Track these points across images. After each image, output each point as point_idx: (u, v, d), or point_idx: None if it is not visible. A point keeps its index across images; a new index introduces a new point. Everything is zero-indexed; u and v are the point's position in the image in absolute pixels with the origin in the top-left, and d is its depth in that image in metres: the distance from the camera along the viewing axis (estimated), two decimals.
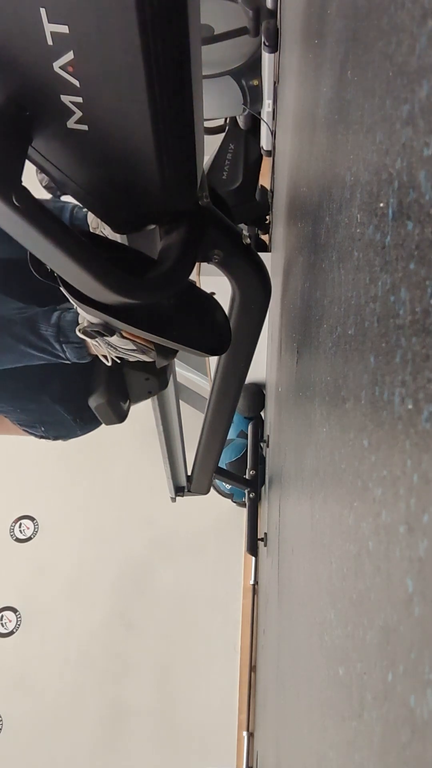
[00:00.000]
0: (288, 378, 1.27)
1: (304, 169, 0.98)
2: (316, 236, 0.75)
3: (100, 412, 1.31)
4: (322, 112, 0.71)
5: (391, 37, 0.35)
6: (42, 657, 3.46)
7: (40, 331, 1.20)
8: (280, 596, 1.40)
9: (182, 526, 3.59)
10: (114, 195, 0.71)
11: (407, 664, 0.28)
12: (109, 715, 3.29)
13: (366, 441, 0.39)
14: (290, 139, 1.41)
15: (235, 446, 3.28)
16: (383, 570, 0.33)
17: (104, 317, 0.79)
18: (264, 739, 2.04)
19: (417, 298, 0.29)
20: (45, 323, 1.21)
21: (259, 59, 2.11)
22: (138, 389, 1.35)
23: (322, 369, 0.64)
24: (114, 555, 3.68)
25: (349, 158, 0.49)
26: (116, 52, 0.52)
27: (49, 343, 1.21)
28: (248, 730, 2.98)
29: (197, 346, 0.86)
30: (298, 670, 0.83)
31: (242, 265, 0.94)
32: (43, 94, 0.57)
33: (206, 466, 2.11)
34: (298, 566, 0.89)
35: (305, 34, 1.01)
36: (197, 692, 3.26)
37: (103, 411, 1.30)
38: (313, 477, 0.70)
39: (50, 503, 3.82)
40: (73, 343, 1.20)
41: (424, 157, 0.28)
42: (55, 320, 1.21)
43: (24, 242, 0.65)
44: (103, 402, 1.28)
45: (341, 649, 0.45)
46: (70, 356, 1.22)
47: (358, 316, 0.43)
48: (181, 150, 0.64)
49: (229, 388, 1.41)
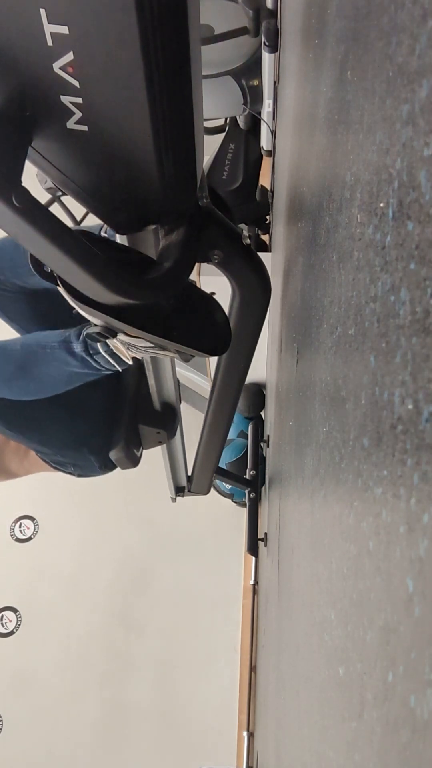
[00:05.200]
0: (288, 378, 1.27)
1: (304, 169, 0.98)
2: (316, 236, 0.75)
3: (119, 462, 1.57)
4: (322, 112, 0.71)
5: (391, 37, 0.35)
6: (42, 657, 3.45)
7: (74, 350, 1.28)
8: (280, 596, 1.40)
9: (182, 526, 3.59)
10: (114, 195, 0.71)
11: (407, 664, 0.28)
12: (109, 714, 3.29)
13: (366, 441, 0.39)
14: (290, 139, 1.41)
15: (235, 446, 3.28)
16: (383, 570, 0.33)
17: (104, 318, 0.79)
18: (264, 739, 2.04)
19: (417, 298, 0.29)
20: (75, 340, 1.28)
21: (259, 59, 2.11)
22: (150, 440, 1.62)
23: (322, 369, 0.64)
24: (114, 555, 3.68)
25: (349, 158, 0.49)
26: (116, 53, 0.52)
27: (82, 359, 1.28)
28: (248, 730, 2.98)
29: (197, 346, 0.86)
30: (298, 670, 0.83)
31: (242, 265, 0.94)
32: (43, 95, 0.57)
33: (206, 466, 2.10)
34: (298, 566, 0.89)
35: (305, 34, 1.01)
36: (197, 692, 3.26)
37: (122, 461, 1.56)
38: (313, 477, 0.70)
39: (50, 503, 3.82)
40: (100, 353, 1.25)
41: (424, 157, 0.28)
42: (82, 335, 1.27)
43: (24, 242, 0.65)
44: (123, 456, 1.54)
45: (341, 649, 0.45)
46: (104, 366, 1.29)
47: (358, 316, 0.43)
48: (181, 150, 0.64)
49: (229, 388, 1.41)
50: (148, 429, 1.58)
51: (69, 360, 1.29)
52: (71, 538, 3.74)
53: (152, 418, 1.56)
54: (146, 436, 1.60)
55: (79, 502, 3.80)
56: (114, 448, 1.53)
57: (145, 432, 1.59)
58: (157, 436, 1.61)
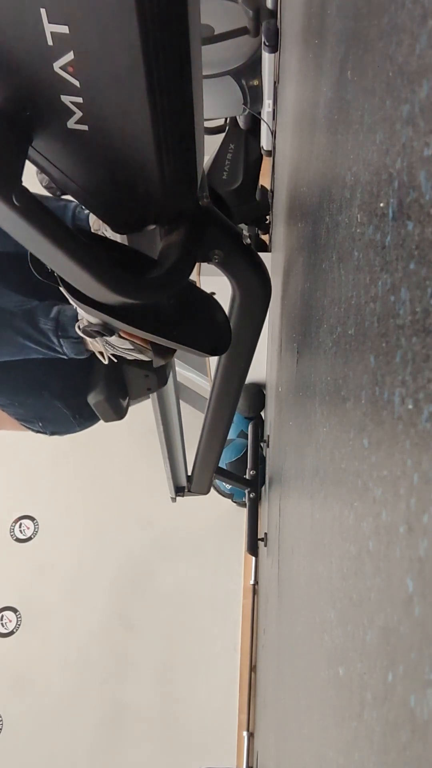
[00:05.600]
0: (288, 378, 1.27)
1: (304, 169, 0.98)
2: (317, 236, 0.75)
3: (99, 409, 1.31)
4: (323, 112, 0.71)
5: (391, 37, 0.35)
6: (42, 657, 3.45)
7: (39, 325, 1.21)
8: (280, 596, 1.40)
9: (182, 526, 3.59)
10: (114, 195, 0.71)
11: (407, 664, 0.28)
12: (109, 715, 3.29)
13: (366, 441, 0.39)
14: (290, 139, 1.41)
15: (235, 446, 3.28)
16: (383, 570, 0.33)
17: (104, 317, 0.79)
18: (264, 739, 2.04)
19: (417, 298, 0.29)
20: (44, 317, 1.22)
21: (259, 59, 2.11)
22: (137, 386, 1.35)
23: (322, 369, 0.64)
24: (114, 555, 3.68)
25: (350, 158, 0.49)
26: (116, 53, 0.52)
27: (47, 337, 1.22)
28: (248, 730, 2.98)
29: (197, 346, 0.86)
30: (298, 670, 0.83)
31: (242, 265, 0.94)
32: (44, 95, 0.57)
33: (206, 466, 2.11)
34: (298, 566, 0.89)
35: (305, 34, 1.01)
36: (197, 692, 3.26)
37: (102, 408, 1.30)
38: (313, 477, 0.70)
39: (50, 503, 3.82)
40: (71, 338, 1.21)
41: (424, 157, 0.28)
42: (54, 314, 1.22)
43: (24, 242, 0.65)
44: (102, 399, 1.28)
45: (341, 649, 0.45)
46: (67, 351, 1.23)
47: (358, 316, 0.43)
48: (182, 150, 0.64)
49: (229, 388, 1.41)
50: (133, 371, 1.29)
51: (28, 331, 1.20)
52: (71, 538, 3.74)
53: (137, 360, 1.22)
54: (132, 380, 1.32)
55: (79, 502, 3.80)
56: (93, 391, 1.29)
57: (131, 375, 1.31)
58: (145, 381, 1.33)
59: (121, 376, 1.31)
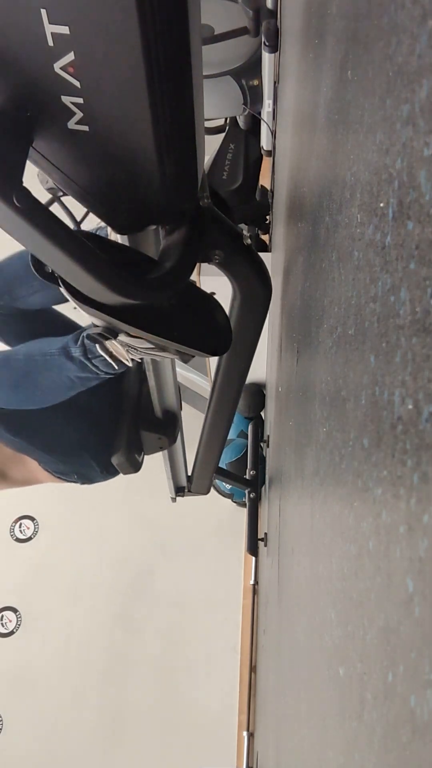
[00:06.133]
0: (288, 378, 1.27)
1: (304, 169, 0.98)
2: (317, 236, 0.75)
3: (121, 467, 1.59)
4: (323, 112, 0.71)
5: (391, 37, 0.35)
6: (42, 657, 3.45)
7: (72, 355, 1.30)
8: (280, 596, 1.40)
9: (182, 527, 3.59)
10: (115, 196, 0.71)
11: (407, 664, 0.28)
12: (109, 714, 3.29)
13: (366, 441, 0.39)
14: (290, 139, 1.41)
15: (235, 446, 3.27)
16: (383, 570, 0.33)
17: (105, 318, 0.79)
18: (264, 739, 2.04)
19: (417, 298, 0.29)
20: (74, 346, 1.29)
21: (259, 59, 2.11)
22: (151, 445, 1.65)
23: (322, 369, 0.64)
24: (114, 555, 3.68)
25: (350, 158, 0.49)
26: (117, 53, 0.52)
27: (81, 363, 1.29)
28: (248, 730, 2.97)
29: (198, 346, 0.86)
30: (298, 670, 0.83)
31: (243, 265, 0.94)
32: (44, 95, 0.57)
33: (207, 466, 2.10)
34: (298, 566, 0.89)
35: (305, 34, 1.01)
36: (197, 692, 3.26)
37: (123, 466, 1.59)
38: (313, 477, 0.70)
39: (50, 503, 3.82)
40: (99, 356, 1.26)
41: (424, 157, 0.28)
42: (80, 341, 1.29)
43: (24, 243, 0.65)
44: (124, 460, 1.57)
45: (341, 649, 0.45)
46: (103, 369, 1.31)
47: (358, 316, 0.43)
48: (182, 150, 0.64)
49: (229, 388, 1.41)
50: (149, 434, 1.62)
51: (68, 365, 1.31)
52: (71, 538, 3.74)
53: (153, 424, 1.60)
54: (147, 441, 1.64)
55: (79, 502, 3.80)
56: (116, 453, 1.56)
57: (146, 437, 1.63)
58: (158, 441, 1.64)
59: (139, 440, 1.62)
